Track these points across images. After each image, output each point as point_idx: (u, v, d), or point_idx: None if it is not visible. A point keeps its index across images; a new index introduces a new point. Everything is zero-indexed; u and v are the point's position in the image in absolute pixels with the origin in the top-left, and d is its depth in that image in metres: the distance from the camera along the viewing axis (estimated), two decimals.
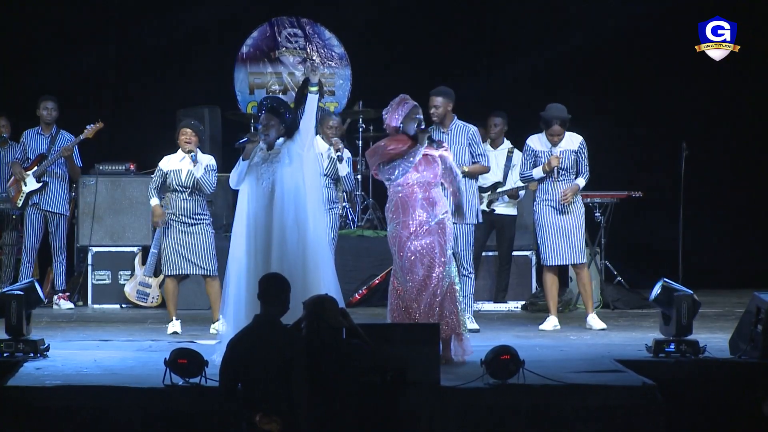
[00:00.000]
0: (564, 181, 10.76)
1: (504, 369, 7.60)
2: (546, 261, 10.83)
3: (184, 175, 10.49)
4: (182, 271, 10.54)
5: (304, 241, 8.61)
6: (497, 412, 7.50)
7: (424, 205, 8.67)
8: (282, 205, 8.63)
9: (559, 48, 14.69)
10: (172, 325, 10.51)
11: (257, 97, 15.35)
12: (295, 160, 8.71)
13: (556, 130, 10.78)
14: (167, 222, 10.54)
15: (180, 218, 10.51)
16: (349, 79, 15.39)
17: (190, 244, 10.49)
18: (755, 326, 8.43)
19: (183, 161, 10.53)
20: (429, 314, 8.51)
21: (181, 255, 10.49)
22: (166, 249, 10.56)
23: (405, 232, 8.67)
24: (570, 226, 10.75)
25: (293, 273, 8.50)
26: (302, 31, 15.46)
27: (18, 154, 12.34)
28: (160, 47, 14.82)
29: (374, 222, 13.73)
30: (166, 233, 10.55)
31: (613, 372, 8.09)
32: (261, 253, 8.61)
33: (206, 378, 7.55)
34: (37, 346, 8.55)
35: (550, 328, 10.70)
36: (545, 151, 10.81)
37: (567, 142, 10.82)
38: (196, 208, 10.54)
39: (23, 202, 12.23)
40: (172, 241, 10.51)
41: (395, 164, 8.71)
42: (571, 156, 10.78)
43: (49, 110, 12.29)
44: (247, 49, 15.38)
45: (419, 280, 8.59)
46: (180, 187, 10.49)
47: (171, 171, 10.53)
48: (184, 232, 10.49)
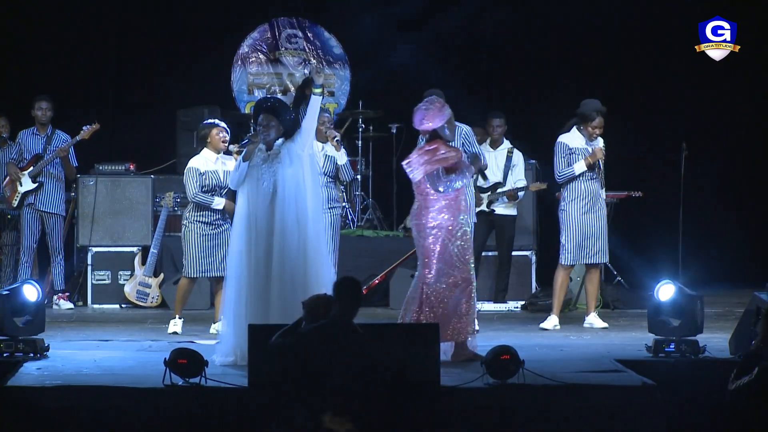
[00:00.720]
0: (598, 180, 10.79)
1: (504, 369, 7.60)
2: (563, 260, 10.81)
3: (222, 175, 10.35)
4: (206, 274, 10.39)
5: (304, 241, 8.61)
6: (497, 412, 7.49)
7: (461, 208, 8.69)
8: (283, 206, 8.63)
9: (558, 48, 14.70)
10: (174, 323, 10.43)
11: (256, 97, 15.34)
12: (296, 161, 8.71)
13: (599, 123, 10.75)
14: (192, 224, 10.37)
15: (210, 219, 10.32)
16: (348, 80, 15.39)
17: (214, 247, 10.32)
18: (755, 326, 8.42)
19: (217, 162, 10.39)
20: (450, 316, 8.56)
21: (205, 258, 10.32)
22: (190, 252, 10.36)
23: (449, 235, 8.66)
24: (596, 226, 10.75)
25: (294, 273, 8.52)
26: (302, 32, 15.47)
27: (14, 154, 12.30)
28: (160, 47, 14.82)
29: (374, 222, 13.74)
30: (189, 235, 10.35)
31: (612, 372, 8.09)
32: (262, 253, 8.61)
33: (206, 378, 7.55)
34: (37, 346, 8.55)
35: (550, 327, 10.71)
36: (582, 147, 10.77)
37: (598, 140, 10.86)
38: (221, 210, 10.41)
39: (19, 202, 12.21)
40: (197, 244, 10.31)
41: (456, 174, 8.69)
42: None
43: (44, 110, 12.26)
44: (247, 49, 15.38)
45: (452, 282, 8.61)
46: (218, 188, 10.37)
47: (208, 172, 10.31)
48: (208, 234, 10.31)
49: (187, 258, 10.40)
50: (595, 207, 10.79)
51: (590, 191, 10.80)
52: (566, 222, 10.82)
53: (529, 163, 12.71)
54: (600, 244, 10.79)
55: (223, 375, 7.78)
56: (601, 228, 10.80)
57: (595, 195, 10.82)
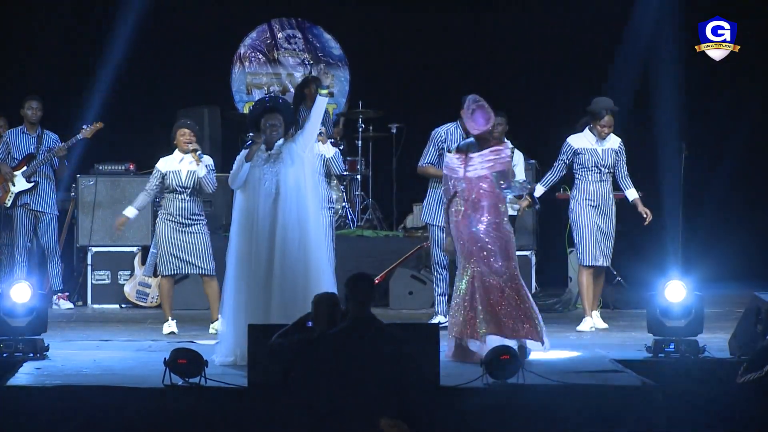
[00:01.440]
0: (608, 182, 10.71)
1: (504, 369, 7.60)
2: (583, 261, 10.76)
3: (184, 175, 10.47)
4: (178, 270, 10.52)
5: (306, 241, 8.61)
6: (497, 412, 7.49)
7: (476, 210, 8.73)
8: (285, 206, 8.62)
9: (558, 48, 14.70)
10: (168, 325, 10.47)
11: (255, 97, 15.36)
12: (297, 161, 8.71)
13: (608, 121, 10.66)
14: (162, 222, 10.51)
15: (176, 218, 10.48)
16: (348, 81, 15.40)
17: (186, 244, 10.46)
18: (755, 326, 8.43)
19: (182, 162, 10.51)
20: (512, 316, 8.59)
21: (177, 255, 10.45)
22: (161, 249, 10.51)
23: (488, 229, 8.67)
24: (608, 228, 10.69)
25: (295, 273, 8.51)
26: (301, 33, 15.48)
27: (0, 153, 12.24)
28: (160, 47, 14.81)
29: (374, 222, 13.74)
30: (161, 233, 10.51)
31: (612, 372, 8.09)
32: (264, 253, 8.59)
33: (206, 378, 7.55)
34: (37, 346, 8.55)
35: (587, 329, 10.62)
36: (590, 148, 10.69)
37: (611, 141, 10.73)
38: (193, 208, 10.51)
39: (12, 202, 12.18)
40: (168, 241, 10.47)
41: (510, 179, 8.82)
42: (612, 154, 10.71)
43: (34, 110, 12.21)
44: (246, 49, 15.39)
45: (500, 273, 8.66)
46: (180, 188, 10.46)
47: (170, 172, 10.50)
48: (179, 232, 10.46)
49: (159, 255, 10.50)
50: (601, 209, 10.69)
51: (598, 192, 10.71)
52: (576, 222, 10.78)
53: (528, 163, 12.70)
54: (603, 248, 10.71)
55: (223, 375, 7.78)
56: (604, 231, 10.69)
57: (602, 196, 10.73)
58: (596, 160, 10.71)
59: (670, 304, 8.69)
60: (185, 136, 10.55)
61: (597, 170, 10.71)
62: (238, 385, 7.56)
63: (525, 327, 8.54)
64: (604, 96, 10.91)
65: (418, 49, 15.08)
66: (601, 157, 10.71)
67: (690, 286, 8.77)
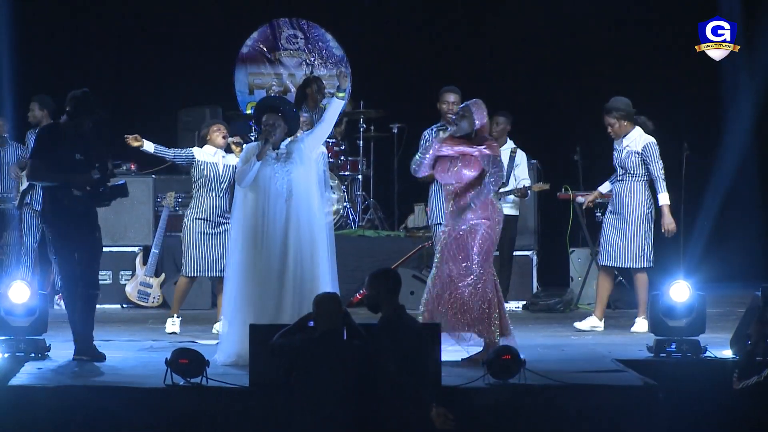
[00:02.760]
0: (626, 182, 10.52)
1: (505, 369, 7.60)
2: (598, 260, 10.74)
3: (221, 168, 10.39)
4: (204, 273, 10.43)
5: (315, 241, 8.61)
6: (498, 412, 7.50)
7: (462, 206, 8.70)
8: (297, 206, 8.62)
9: (558, 48, 14.70)
10: (171, 323, 10.42)
11: (257, 97, 15.37)
12: (306, 161, 8.72)
13: (606, 121, 10.59)
14: (192, 221, 10.40)
15: (208, 217, 10.35)
16: (349, 81, 15.41)
17: (213, 246, 10.34)
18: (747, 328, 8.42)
19: (216, 155, 10.43)
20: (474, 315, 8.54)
21: (204, 258, 10.35)
22: (189, 250, 10.39)
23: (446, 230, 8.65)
24: (626, 229, 10.49)
25: (304, 272, 8.52)
26: (302, 33, 15.49)
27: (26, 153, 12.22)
28: (162, 47, 14.82)
29: (375, 222, 13.74)
30: (189, 234, 10.39)
31: (614, 372, 8.10)
32: (276, 252, 8.55)
33: (207, 378, 7.55)
34: (39, 346, 8.55)
35: (584, 327, 10.59)
36: (616, 148, 10.58)
37: (635, 142, 10.54)
38: (226, 206, 10.36)
39: (19, 202, 12.20)
40: (197, 243, 10.35)
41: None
42: (633, 157, 10.50)
43: (32, 111, 12.20)
44: (248, 49, 15.40)
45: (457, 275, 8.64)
46: (215, 182, 10.36)
47: (207, 163, 10.36)
48: (208, 234, 10.34)
49: (186, 257, 10.42)
50: (627, 209, 10.53)
51: (614, 192, 10.66)
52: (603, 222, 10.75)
53: (530, 162, 12.70)
54: (610, 248, 10.56)
55: (224, 375, 7.78)
56: (631, 232, 10.50)
57: (615, 196, 10.63)
58: (615, 160, 10.66)
59: (673, 304, 8.69)
60: (221, 130, 10.46)
61: (616, 170, 10.66)
62: (239, 385, 7.57)
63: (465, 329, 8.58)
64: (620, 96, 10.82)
65: (419, 49, 15.09)
66: (617, 157, 10.65)
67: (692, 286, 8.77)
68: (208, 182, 10.37)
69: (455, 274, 8.59)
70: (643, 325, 10.34)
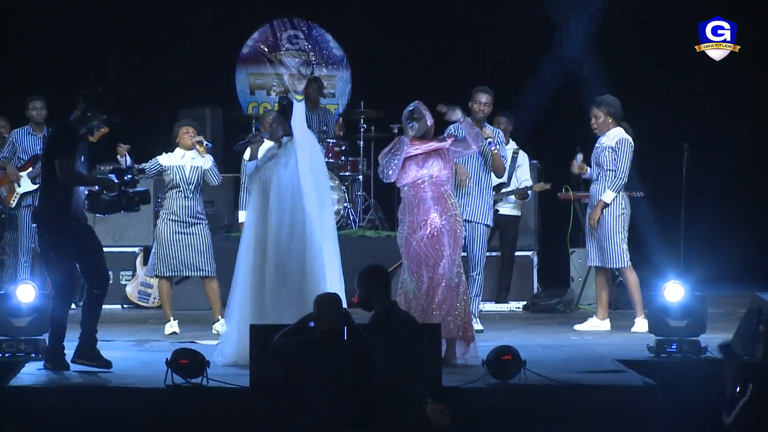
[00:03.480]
0: (600, 181, 10.48)
1: (505, 369, 7.60)
2: (587, 261, 10.77)
3: (188, 170, 10.49)
4: (175, 273, 10.56)
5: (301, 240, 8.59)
6: (498, 412, 7.49)
7: (432, 205, 8.64)
8: (277, 204, 8.64)
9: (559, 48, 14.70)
10: (170, 326, 10.48)
11: (258, 97, 15.39)
12: (291, 160, 8.72)
13: (593, 112, 10.55)
14: (164, 222, 10.53)
15: (179, 218, 10.49)
16: (349, 81, 15.42)
17: (186, 246, 10.47)
18: (757, 326, 8.43)
19: (185, 158, 10.53)
20: (429, 316, 8.48)
21: (176, 257, 10.47)
22: (160, 250, 10.54)
23: (411, 232, 8.64)
24: (603, 229, 10.45)
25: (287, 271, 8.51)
26: (302, 33, 15.49)
27: (5, 153, 12.19)
28: (161, 47, 14.82)
29: (375, 222, 13.74)
30: (161, 234, 10.52)
31: (614, 372, 8.09)
32: (260, 251, 8.62)
33: (207, 378, 7.55)
34: (39, 346, 8.55)
35: (584, 329, 10.55)
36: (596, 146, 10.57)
37: (611, 138, 10.51)
38: (196, 206, 10.55)
39: (17, 202, 12.16)
40: (167, 243, 10.49)
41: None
42: (606, 153, 10.48)
43: (38, 110, 12.17)
44: (248, 49, 15.40)
45: (424, 282, 8.56)
46: (183, 183, 10.47)
47: (173, 167, 10.53)
48: (180, 233, 10.47)
49: (158, 257, 10.52)
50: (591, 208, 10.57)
51: (590, 192, 10.70)
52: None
53: (531, 163, 12.71)
54: (594, 248, 10.53)
55: (225, 375, 7.78)
56: (603, 232, 10.48)
57: (592, 196, 10.64)
58: (592, 157, 10.64)
59: (669, 304, 8.70)
60: (189, 132, 10.57)
61: (592, 169, 10.64)
62: (239, 386, 7.57)
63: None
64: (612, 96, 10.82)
65: (419, 49, 15.08)
66: (593, 155, 10.62)
67: (688, 286, 8.77)
68: (176, 185, 10.54)
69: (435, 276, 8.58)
70: (643, 325, 10.31)
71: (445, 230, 8.60)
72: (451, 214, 8.64)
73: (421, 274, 8.56)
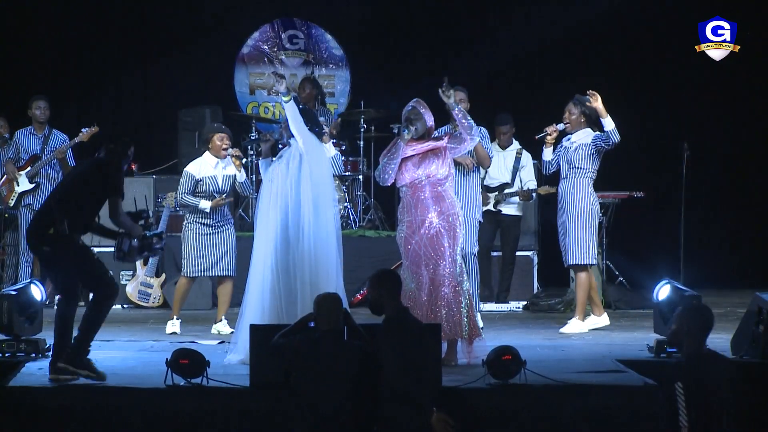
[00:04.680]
0: (571, 179, 10.44)
1: (505, 369, 7.60)
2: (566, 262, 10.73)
3: (221, 180, 10.46)
4: (203, 273, 10.53)
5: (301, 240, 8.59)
6: (498, 412, 7.49)
7: (431, 205, 8.63)
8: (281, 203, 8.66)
9: (559, 48, 14.70)
10: (172, 324, 10.47)
11: (258, 97, 15.40)
12: (294, 161, 8.73)
13: (570, 108, 10.55)
14: (192, 224, 10.47)
15: (210, 221, 10.46)
16: (348, 81, 15.42)
17: (214, 246, 10.43)
18: (757, 326, 8.43)
19: (217, 167, 10.48)
20: (432, 317, 8.47)
21: (205, 258, 10.43)
22: (188, 250, 10.49)
23: (410, 233, 8.64)
24: (571, 227, 10.44)
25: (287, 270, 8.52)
26: (302, 33, 15.49)
27: (10, 153, 12.23)
28: (161, 47, 14.82)
29: (376, 222, 13.74)
30: (190, 234, 10.47)
31: (614, 372, 8.09)
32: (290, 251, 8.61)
33: (207, 378, 7.55)
34: (39, 347, 8.56)
35: (572, 331, 10.52)
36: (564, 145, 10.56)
37: (585, 136, 10.51)
38: (225, 209, 10.54)
39: (16, 202, 12.18)
40: (195, 243, 10.45)
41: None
42: (582, 149, 10.45)
43: (42, 109, 12.20)
44: (248, 49, 15.40)
45: (423, 282, 8.55)
46: (216, 194, 10.45)
47: (205, 177, 10.47)
48: (208, 234, 10.44)
49: (186, 257, 10.47)
50: (569, 207, 10.46)
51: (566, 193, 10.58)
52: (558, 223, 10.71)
53: (533, 163, 12.70)
54: (572, 245, 10.45)
55: (224, 375, 7.77)
56: (572, 229, 10.40)
57: (560, 196, 10.58)
58: (561, 157, 10.58)
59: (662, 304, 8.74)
60: (224, 141, 10.50)
61: (560, 167, 10.58)
62: (239, 385, 7.57)
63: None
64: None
65: (419, 48, 15.08)
66: (563, 154, 10.55)
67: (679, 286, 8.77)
68: (209, 195, 10.46)
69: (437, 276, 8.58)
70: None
71: (444, 230, 8.59)
72: (450, 213, 8.63)
73: (422, 274, 8.55)
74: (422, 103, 8.83)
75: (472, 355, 8.52)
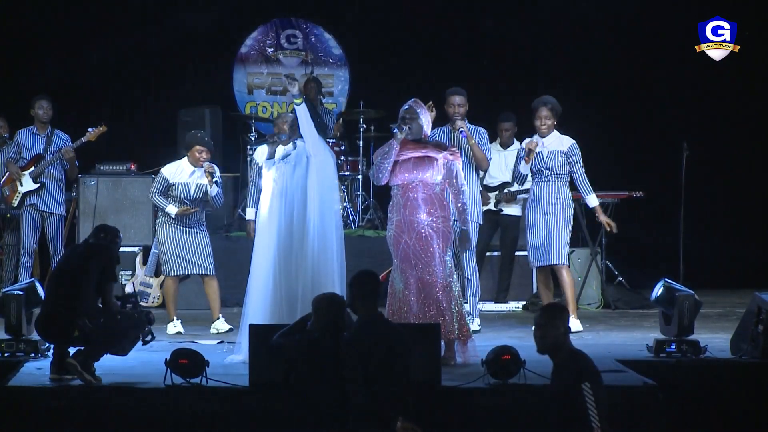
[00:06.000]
0: (551, 182, 10.41)
1: (505, 369, 7.60)
2: (531, 262, 10.66)
3: (193, 189, 10.56)
4: (183, 271, 10.64)
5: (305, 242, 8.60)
6: (498, 412, 7.49)
7: (420, 206, 8.61)
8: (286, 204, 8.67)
9: (559, 48, 14.70)
10: (173, 325, 10.55)
11: (256, 97, 15.38)
12: (302, 163, 8.74)
13: (542, 113, 10.45)
14: (164, 223, 10.60)
15: (179, 222, 10.60)
16: (347, 81, 15.42)
17: (189, 244, 10.59)
18: (756, 326, 8.44)
19: (193, 175, 10.55)
20: (421, 317, 8.47)
21: (181, 255, 10.56)
22: (165, 250, 10.62)
23: (399, 232, 8.64)
24: (551, 228, 10.38)
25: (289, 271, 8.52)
26: (301, 33, 15.49)
27: (12, 153, 12.21)
28: (160, 47, 14.82)
29: (375, 222, 13.74)
30: (163, 235, 10.59)
31: (614, 372, 8.07)
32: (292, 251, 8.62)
33: (207, 378, 7.56)
34: (38, 346, 8.56)
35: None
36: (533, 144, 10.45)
37: (557, 142, 10.48)
38: (196, 214, 10.65)
39: (19, 202, 12.16)
40: (171, 243, 10.58)
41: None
42: (559, 157, 10.40)
43: (45, 109, 12.17)
44: (247, 49, 15.40)
45: (412, 282, 8.55)
46: (187, 201, 10.55)
47: (178, 183, 10.58)
48: (182, 232, 10.60)
49: (163, 257, 10.65)
50: (553, 209, 10.41)
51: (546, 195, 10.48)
52: (527, 224, 10.60)
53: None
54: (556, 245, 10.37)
55: (224, 375, 7.78)
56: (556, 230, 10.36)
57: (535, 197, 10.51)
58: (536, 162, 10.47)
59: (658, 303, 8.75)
60: (202, 154, 10.60)
61: (534, 171, 10.49)
62: (239, 385, 7.57)
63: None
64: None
65: (419, 49, 15.08)
66: (537, 159, 10.42)
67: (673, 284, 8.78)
68: (179, 200, 10.62)
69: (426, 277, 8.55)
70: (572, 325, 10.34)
71: (433, 231, 8.58)
72: (441, 215, 8.59)
73: (410, 274, 8.55)
74: (420, 103, 8.81)
75: (467, 355, 8.52)
